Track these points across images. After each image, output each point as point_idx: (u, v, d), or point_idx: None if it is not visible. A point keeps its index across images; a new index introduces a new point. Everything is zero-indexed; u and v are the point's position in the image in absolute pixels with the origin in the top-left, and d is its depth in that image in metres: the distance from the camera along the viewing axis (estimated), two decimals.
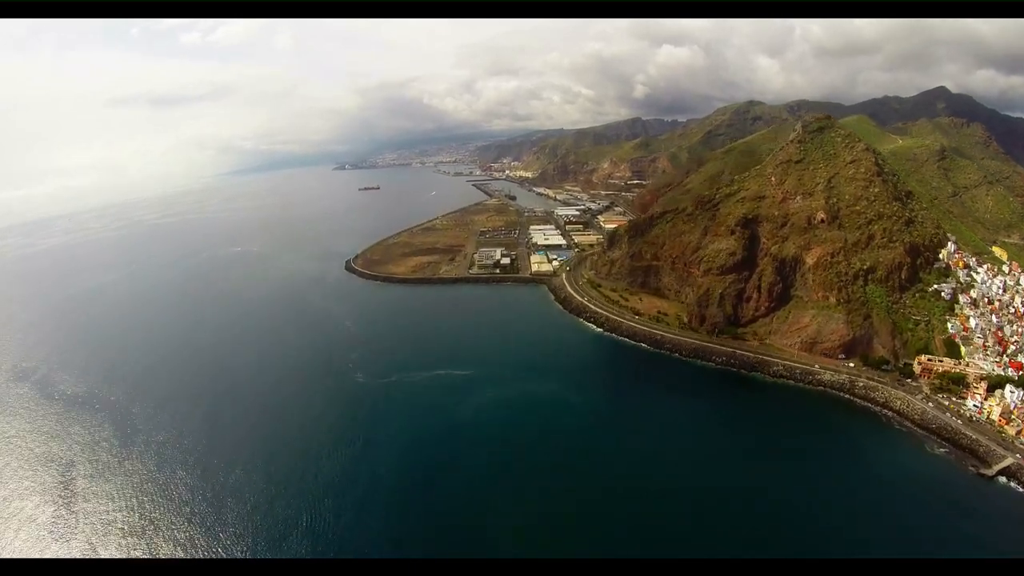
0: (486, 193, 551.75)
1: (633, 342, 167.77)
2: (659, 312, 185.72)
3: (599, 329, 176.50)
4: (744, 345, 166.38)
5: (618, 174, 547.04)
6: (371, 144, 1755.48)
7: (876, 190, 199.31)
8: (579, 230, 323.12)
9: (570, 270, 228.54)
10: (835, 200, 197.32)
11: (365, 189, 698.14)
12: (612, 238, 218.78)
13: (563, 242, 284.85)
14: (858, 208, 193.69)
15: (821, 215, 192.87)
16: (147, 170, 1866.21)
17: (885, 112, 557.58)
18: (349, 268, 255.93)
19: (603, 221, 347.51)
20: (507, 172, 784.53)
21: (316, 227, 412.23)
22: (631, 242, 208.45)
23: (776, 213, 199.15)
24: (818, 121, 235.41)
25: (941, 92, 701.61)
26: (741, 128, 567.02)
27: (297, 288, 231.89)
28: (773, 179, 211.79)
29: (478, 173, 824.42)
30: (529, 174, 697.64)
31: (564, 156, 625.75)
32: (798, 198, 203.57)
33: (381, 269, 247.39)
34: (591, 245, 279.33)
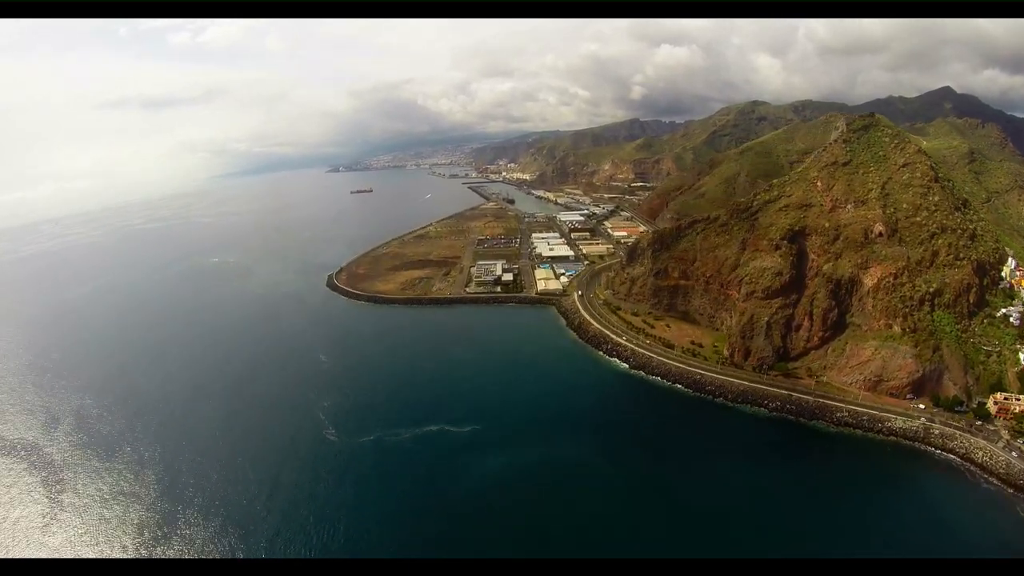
0: (483, 197, 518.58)
1: (667, 383, 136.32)
2: (693, 343, 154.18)
3: (624, 365, 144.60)
4: (799, 385, 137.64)
5: (620, 176, 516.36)
6: (366, 146, 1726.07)
7: (936, 198, 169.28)
8: (586, 238, 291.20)
9: (582, 289, 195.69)
10: (892, 210, 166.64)
11: (357, 192, 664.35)
12: (632, 252, 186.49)
13: (570, 253, 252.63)
14: (919, 220, 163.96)
15: (879, 228, 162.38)
16: (142, 173, 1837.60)
17: (891, 112, 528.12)
18: (331, 285, 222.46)
19: (611, 228, 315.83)
20: (503, 174, 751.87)
21: (301, 233, 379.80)
22: (655, 257, 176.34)
23: (826, 224, 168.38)
24: (862, 119, 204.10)
25: (947, 92, 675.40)
26: (746, 128, 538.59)
27: (270, 310, 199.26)
28: (819, 184, 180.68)
29: (474, 175, 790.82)
30: (527, 176, 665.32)
31: (563, 158, 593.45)
32: (849, 207, 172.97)
33: (367, 286, 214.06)
34: (601, 256, 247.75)
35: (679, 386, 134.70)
